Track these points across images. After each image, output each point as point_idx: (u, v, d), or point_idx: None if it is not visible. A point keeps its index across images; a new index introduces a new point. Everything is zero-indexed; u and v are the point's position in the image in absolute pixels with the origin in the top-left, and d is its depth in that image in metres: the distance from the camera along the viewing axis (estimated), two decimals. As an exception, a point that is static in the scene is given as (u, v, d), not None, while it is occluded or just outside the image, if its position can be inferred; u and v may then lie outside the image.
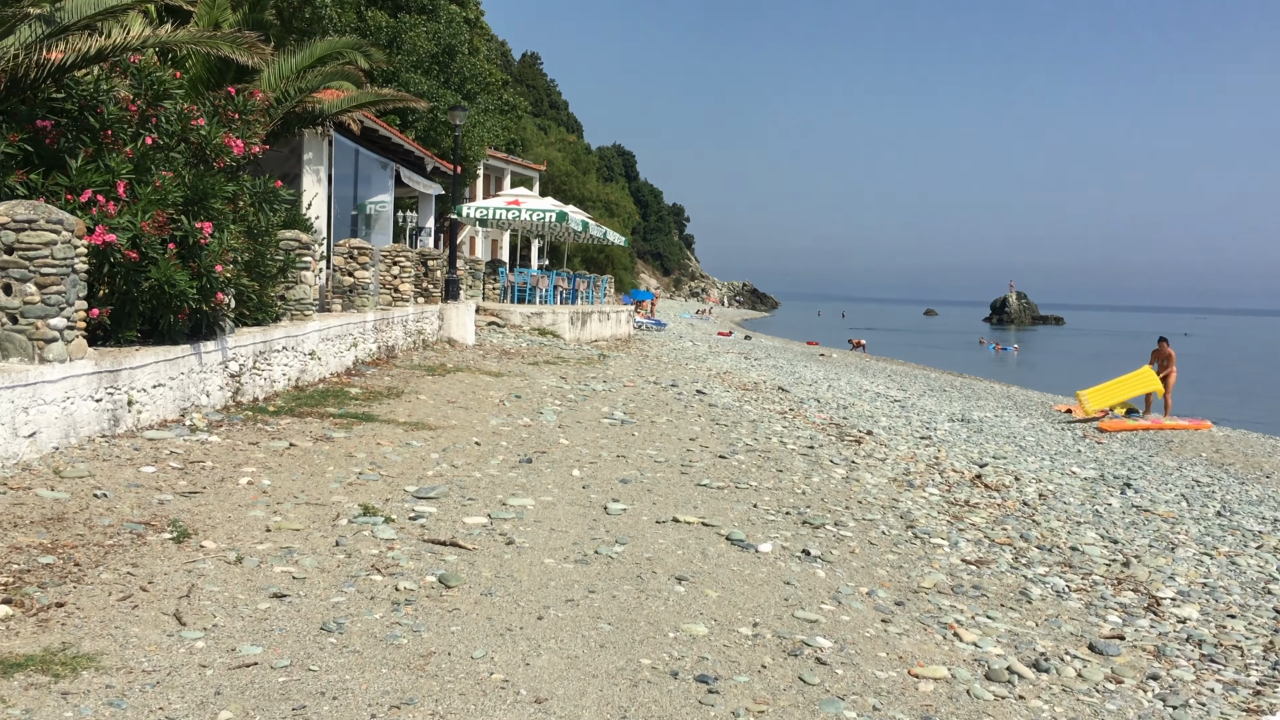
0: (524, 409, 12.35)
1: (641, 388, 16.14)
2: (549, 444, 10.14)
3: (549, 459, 9.32)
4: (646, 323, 45.58)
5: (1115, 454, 15.68)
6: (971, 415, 19.89)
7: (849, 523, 7.78)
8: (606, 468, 9.10)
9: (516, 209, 28.84)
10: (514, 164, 50.86)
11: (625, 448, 10.25)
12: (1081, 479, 12.50)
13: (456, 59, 37.52)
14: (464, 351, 18.96)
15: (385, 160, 20.44)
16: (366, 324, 15.35)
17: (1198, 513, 10.77)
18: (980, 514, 9.01)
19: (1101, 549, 8.14)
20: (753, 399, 17.19)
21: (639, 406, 13.62)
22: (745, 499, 8.28)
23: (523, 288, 28.81)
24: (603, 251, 60.43)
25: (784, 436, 12.35)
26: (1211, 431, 20.27)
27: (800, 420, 14.83)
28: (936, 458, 12.20)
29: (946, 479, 10.70)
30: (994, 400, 25.50)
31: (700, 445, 10.84)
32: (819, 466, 10.30)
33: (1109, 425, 20.10)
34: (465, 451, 9.24)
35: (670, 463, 9.61)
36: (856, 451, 11.76)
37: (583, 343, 25.80)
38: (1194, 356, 65.48)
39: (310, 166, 16.05)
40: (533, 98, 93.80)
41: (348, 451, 8.59)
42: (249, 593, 4.96)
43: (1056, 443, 16.66)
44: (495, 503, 7.35)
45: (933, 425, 17.17)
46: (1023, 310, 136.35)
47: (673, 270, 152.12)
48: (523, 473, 8.57)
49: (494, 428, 10.78)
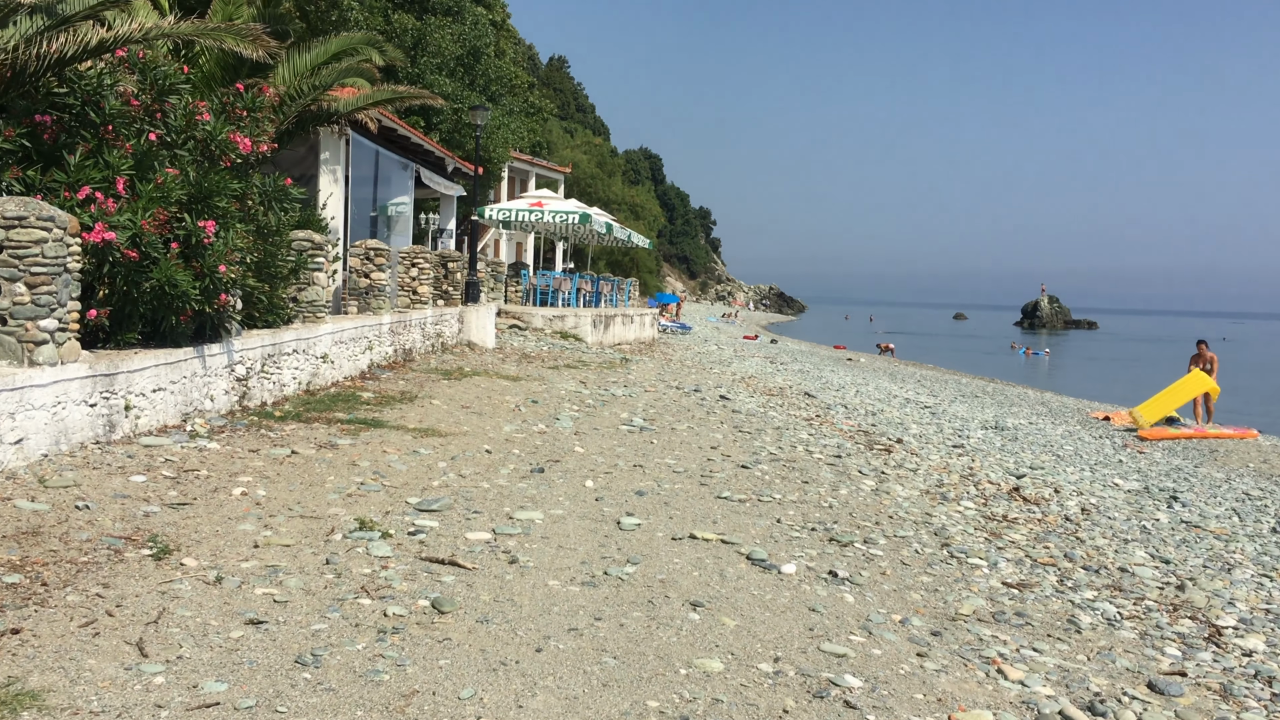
0: (540, 415, 11.93)
1: (663, 393, 15.70)
2: (563, 452, 9.71)
3: (562, 468, 8.89)
4: (671, 326, 45.14)
5: (1159, 464, 15.07)
6: (1005, 423, 19.31)
7: (879, 540, 7.30)
8: (622, 478, 8.66)
9: (539, 211, 28.49)
10: (539, 166, 50.56)
11: (643, 456, 9.81)
12: (1125, 491, 11.93)
13: (482, 61, 37.27)
14: (483, 355, 18.59)
15: (405, 161, 20.10)
16: (382, 327, 15.00)
17: (1251, 529, 10.20)
18: (1020, 530, 8.50)
19: (1153, 570, 7.62)
20: (778, 405, 16.72)
21: (659, 412, 13.18)
22: (768, 513, 7.82)
23: (545, 290, 28.45)
24: (628, 254, 60.03)
25: (810, 445, 11.87)
26: (1259, 441, 19.58)
27: (827, 427, 14.35)
28: (971, 468, 11.68)
29: (982, 491, 10.18)
30: (1028, 407, 24.85)
31: (722, 454, 10.38)
32: (847, 477, 9.81)
33: (1150, 433, 19.44)
34: (475, 460, 8.83)
35: (689, 473, 9.16)
36: (886, 461, 11.26)
37: (605, 346, 25.39)
38: (1233, 362, 64.30)
39: (326, 166, 15.72)
40: (560, 101, 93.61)
41: (351, 460, 8.20)
42: (223, 618, 4.55)
43: (1096, 452, 16.06)
44: (502, 516, 6.93)
45: (965, 433, 16.63)
46: (1055, 314, 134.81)
47: (699, 273, 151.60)
48: (533, 483, 8.15)
49: (507, 435, 10.37)
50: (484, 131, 34.27)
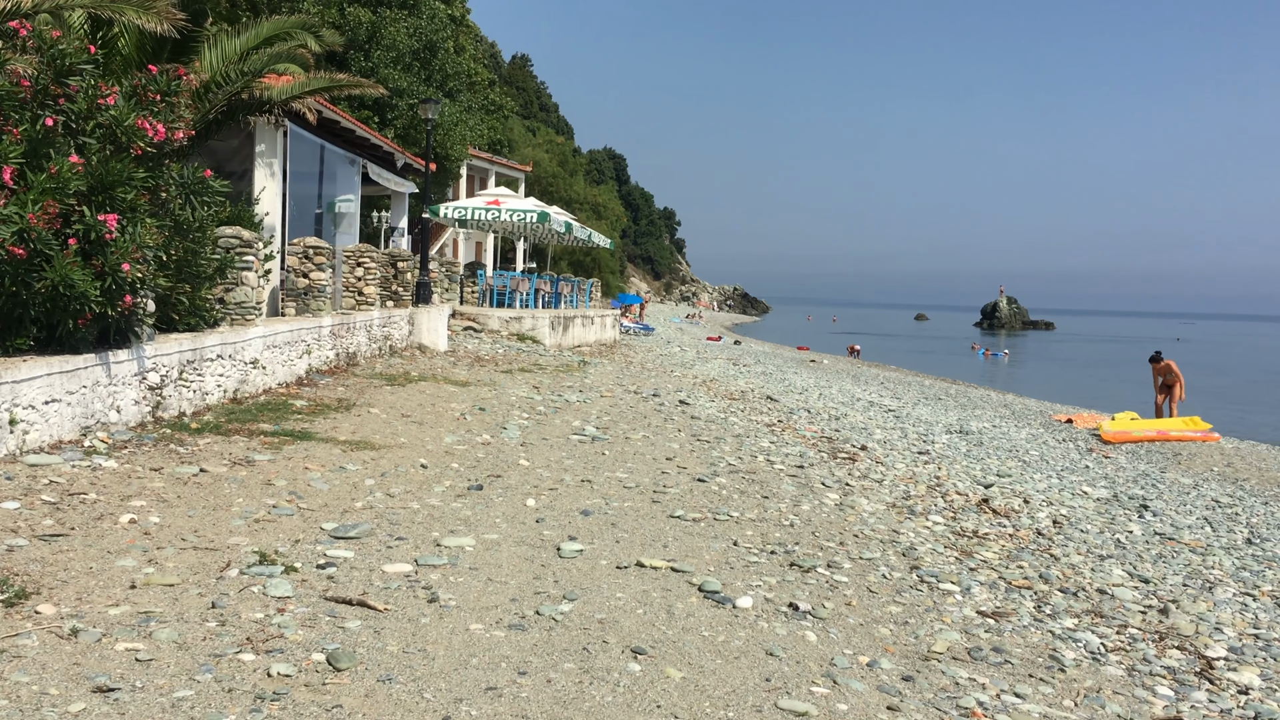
0: (486, 424, 11.21)
1: (620, 398, 15.02)
2: (506, 466, 9.00)
3: (503, 485, 8.18)
4: (634, 327, 44.47)
5: (1125, 470, 14.59)
6: (969, 426, 18.81)
7: (844, 563, 6.66)
8: (567, 495, 7.97)
9: (496, 209, 27.71)
10: (499, 164, 49.70)
11: (593, 470, 9.12)
12: (1095, 500, 11.40)
13: (439, 55, 36.43)
14: (433, 359, 17.82)
15: (352, 156, 19.27)
16: (322, 329, 14.21)
17: (1226, 540, 9.68)
18: (991, 547, 7.90)
19: (1132, 590, 7.04)
20: (739, 410, 16.09)
21: (614, 420, 12.49)
22: (724, 534, 7.15)
23: (503, 291, 27.69)
24: (590, 255, 59.28)
25: (771, 454, 11.23)
26: (1221, 444, 19.22)
27: (789, 434, 13.72)
28: (937, 477, 11.09)
29: (951, 504, 9.59)
30: (991, 409, 24.41)
31: (677, 466, 9.71)
32: (809, 490, 9.18)
33: (1113, 436, 19.03)
34: (407, 476, 8.10)
35: (641, 488, 8.48)
36: (850, 472, 10.65)
37: (564, 349, 24.67)
38: (1188, 364, 64.58)
39: (262, 159, 14.89)
40: (522, 100, 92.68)
41: (267, 479, 7.45)
42: (67, 684, 3.81)
43: (1062, 457, 15.56)
44: (428, 543, 6.22)
45: (930, 438, 16.08)
46: (1013, 315, 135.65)
47: (663, 274, 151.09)
48: (469, 503, 7.44)
49: (447, 446, 9.65)
50: (441, 128, 33.48)
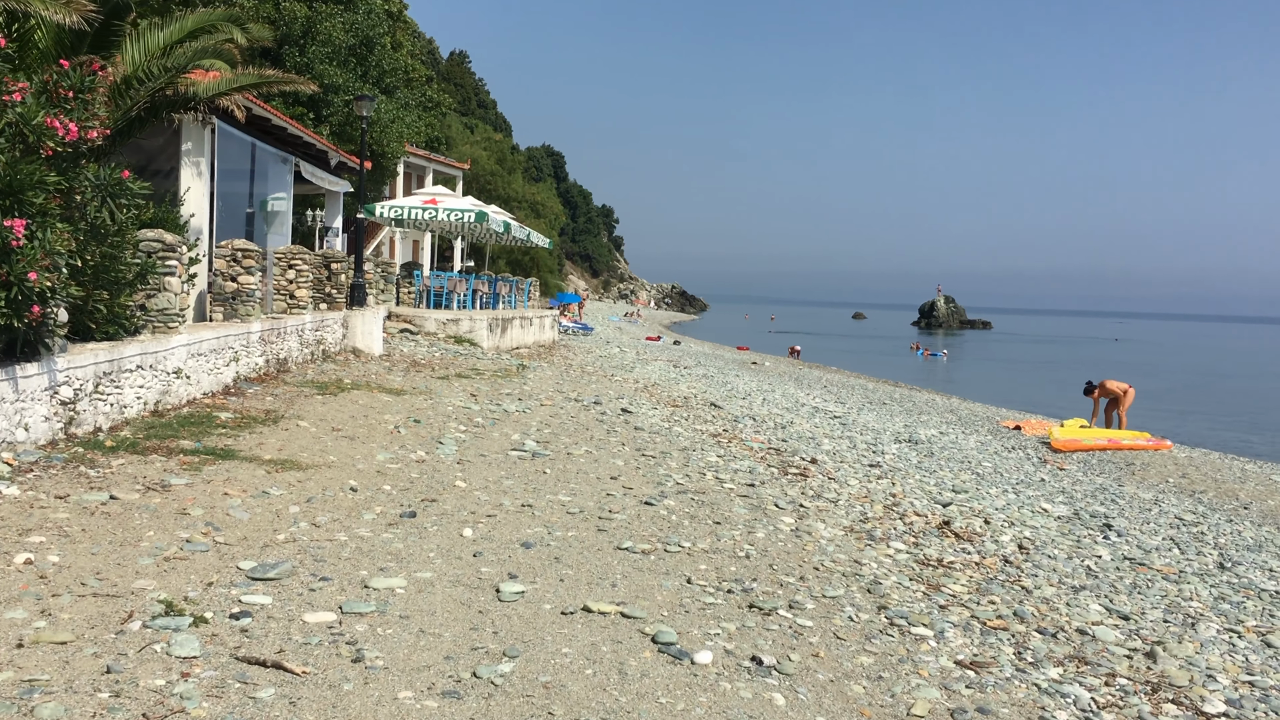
0: (421, 438, 10.68)
1: (561, 406, 14.55)
2: (442, 487, 8.50)
3: (438, 510, 7.68)
4: (572, 327, 43.96)
5: (1082, 483, 14.44)
6: (918, 434, 18.61)
7: (806, 603, 6.26)
8: (507, 523, 7.49)
9: (433, 208, 27.04)
10: (436, 162, 48.85)
11: (534, 491, 8.65)
12: (1055, 519, 11.18)
13: (375, 51, 35.61)
14: (368, 363, 17.19)
15: (284, 154, 18.56)
16: (251, 335, 13.54)
17: (1198, 565, 9.48)
18: (959, 579, 7.56)
19: (1114, 631, 6.73)
20: (683, 418, 15.70)
21: (555, 432, 12.02)
22: (676, 568, 6.73)
23: (440, 292, 27.04)
24: (528, 253, 58.62)
25: (719, 470, 10.84)
26: (1173, 452, 19.24)
27: (736, 445, 13.35)
28: (893, 495, 10.78)
29: (910, 526, 9.26)
30: (937, 415, 24.31)
31: (623, 486, 9.27)
32: (763, 514, 8.79)
33: (1064, 444, 18.96)
34: (335, 502, 7.56)
35: (586, 514, 8.03)
36: (803, 490, 10.29)
37: (502, 351, 24.11)
38: (1130, 366, 65.66)
39: (189, 158, 14.18)
40: (460, 96, 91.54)
41: (182, 507, 6.87)
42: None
43: (1016, 469, 15.39)
44: (355, 585, 5.71)
45: (879, 447, 15.83)
46: (951, 314, 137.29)
47: (601, 272, 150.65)
48: (402, 532, 6.93)
49: (380, 465, 9.11)
50: (378, 125, 32.67)
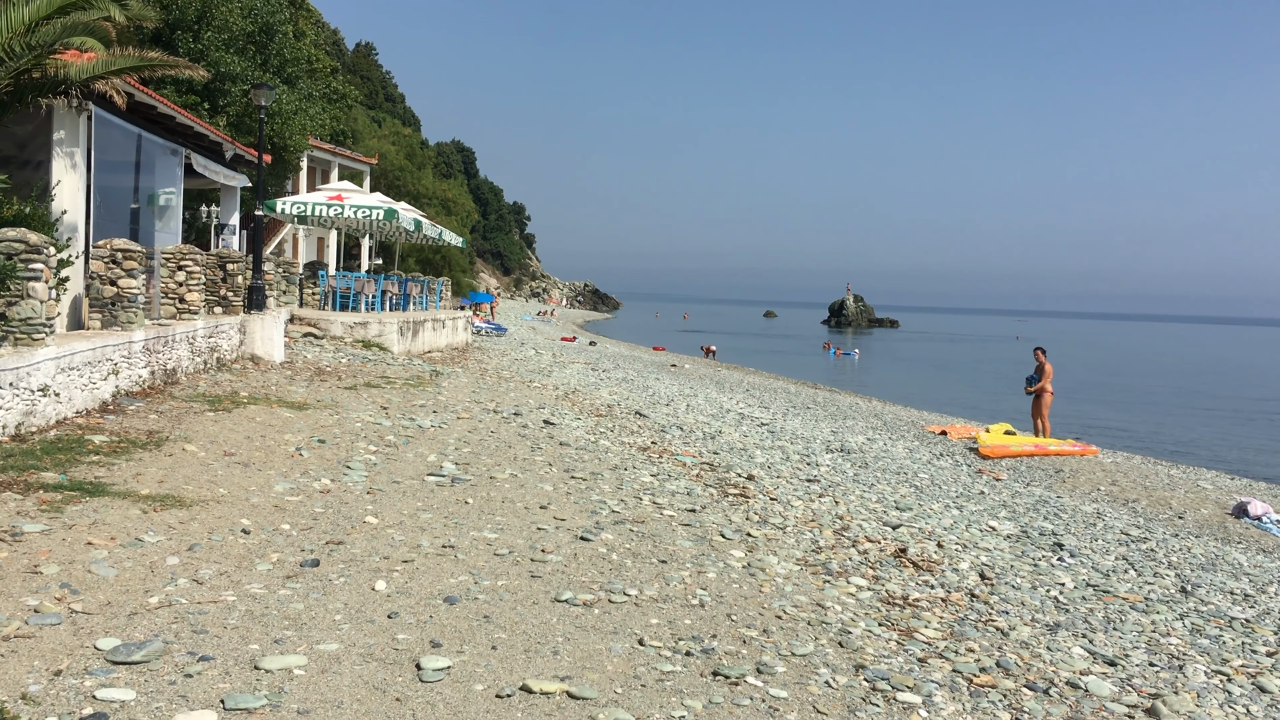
0: (326, 462, 9.59)
1: (479, 419, 13.53)
2: (351, 524, 7.46)
3: (346, 555, 6.65)
4: (486, 327, 42.75)
5: (1021, 496, 13.92)
6: (847, 442, 17.99)
7: (776, 666, 5.41)
8: (427, 570, 6.50)
9: (339, 205, 25.68)
10: (342, 156, 47.16)
11: (455, 527, 7.66)
12: (1005, 537, 10.55)
13: (275, 39, 33.98)
14: (268, 373, 15.93)
15: (174, 145, 17.13)
16: (133, 345, 12.26)
17: (1159, 590, 8.89)
18: (930, 621, 6.80)
19: (1104, 679, 6.01)
20: (608, 429, 14.79)
21: (475, 451, 11.01)
22: (625, 624, 5.82)
23: (346, 294, 25.70)
24: (439, 252, 57.08)
25: (656, 493, 9.96)
26: (1099, 457, 18.95)
27: (668, 460, 12.50)
28: (840, 518, 10.02)
29: (865, 555, 8.49)
30: (862, 419, 23.80)
31: (554, 517, 8.32)
32: (710, 547, 7.93)
33: (991, 450, 18.54)
34: (223, 549, 6.48)
35: (516, 554, 7.07)
36: (747, 515, 9.46)
37: (414, 356, 22.91)
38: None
39: (61, 148, 12.78)
40: (367, 89, 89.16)
41: (34, 563, 5.74)
42: None
43: (952, 480, 14.81)
44: (243, 666, 4.69)
45: (812, 459, 15.13)
46: (860, 313, 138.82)
47: (513, 270, 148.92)
48: (302, 587, 5.90)
49: (278, 498, 8.02)
50: (279, 116, 31.10)
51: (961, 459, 18.01)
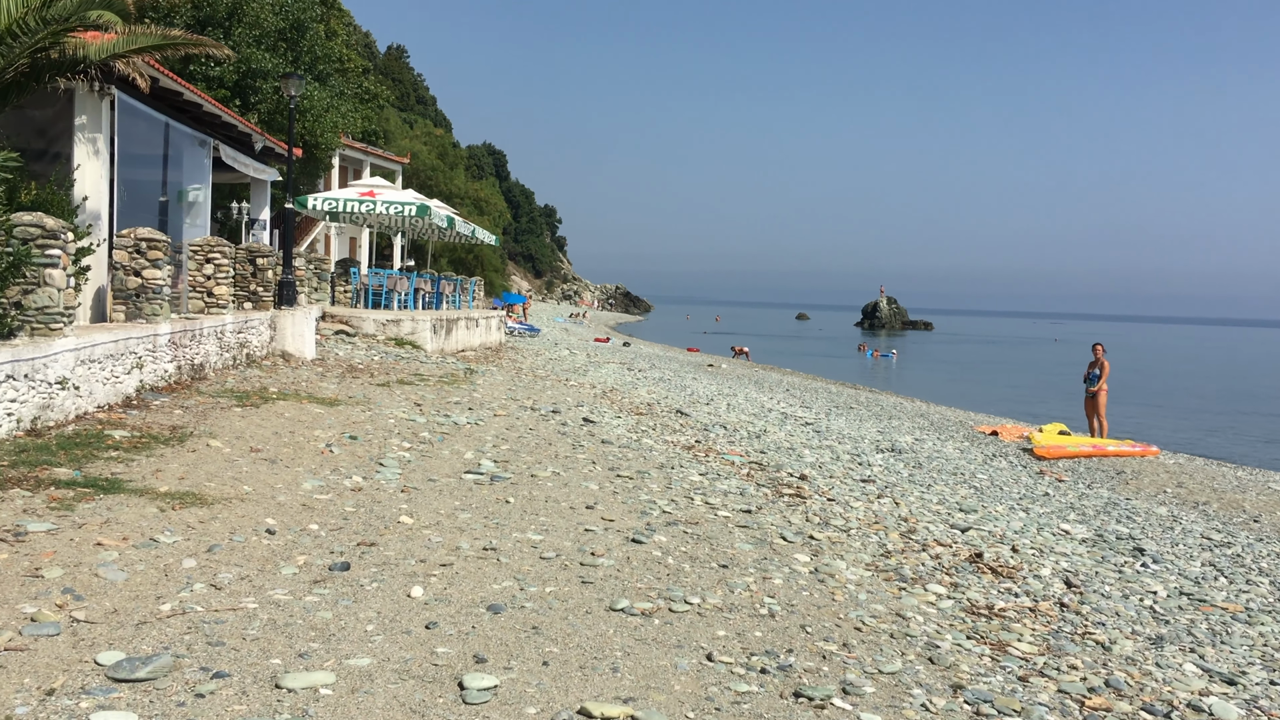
0: (358, 459, 9.03)
1: (516, 417, 12.95)
2: (384, 525, 6.88)
3: (379, 558, 6.06)
4: (519, 328, 42.26)
5: (1089, 498, 13.16)
6: (898, 442, 17.28)
7: (864, 686, 4.76)
8: (467, 574, 5.90)
9: (371, 201, 25.22)
10: (374, 155, 46.82)
11: (496, 528, 7.06)
12: (1079, 541, 9.84)
13: (307, 36, 33.63)
14: (299, 369, 15.44)
15: (202, 136, 16.68)
16: (158, 338, 11.78)
17: (1258, 599, 8.16)
18: (1021, 632, 6.13)
19: (1225, 699, 5.34)
20: (650, 428, 14.18)
21: (514, 449, 10.42)
22: (690, 636, 5.19)
23: (379, 291, 25.23)
24: (471, 252, 56.65)
25: (707, 492, 9.33)
26: (1161, 458, 18.10)
27: (714, 459, 11.87)
28: (905, 520, 9.35)
29: (939, 560, 7.82)
30: (908, 419, 23.03)
31: (602, 519, 7.71)
32: (771, 550, 7.29)
33: (1047, 451, 17.75)
34: (246, 551, 5.91)
35: (563, 558, 6.46)
36: (806, 516, 8.81)
37: (447, 354, 22.40)
38: (1079, 366, 65.35)
39: (83, 134, 12.32)
40: (399, 92, 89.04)
41: (35, 565, 5.19)
42: None
43: (1013, 481, 14.07)
44: (262, 684, 4.10)
45: (863, 459, 14.45)
46: (893, 315, 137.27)
47: (545, 272, 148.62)
48: (331, 594, 5.31)
49: (306, 496, 7.46)
50: (311, 113, 30.73)
51: (1016, 459, 17.24)
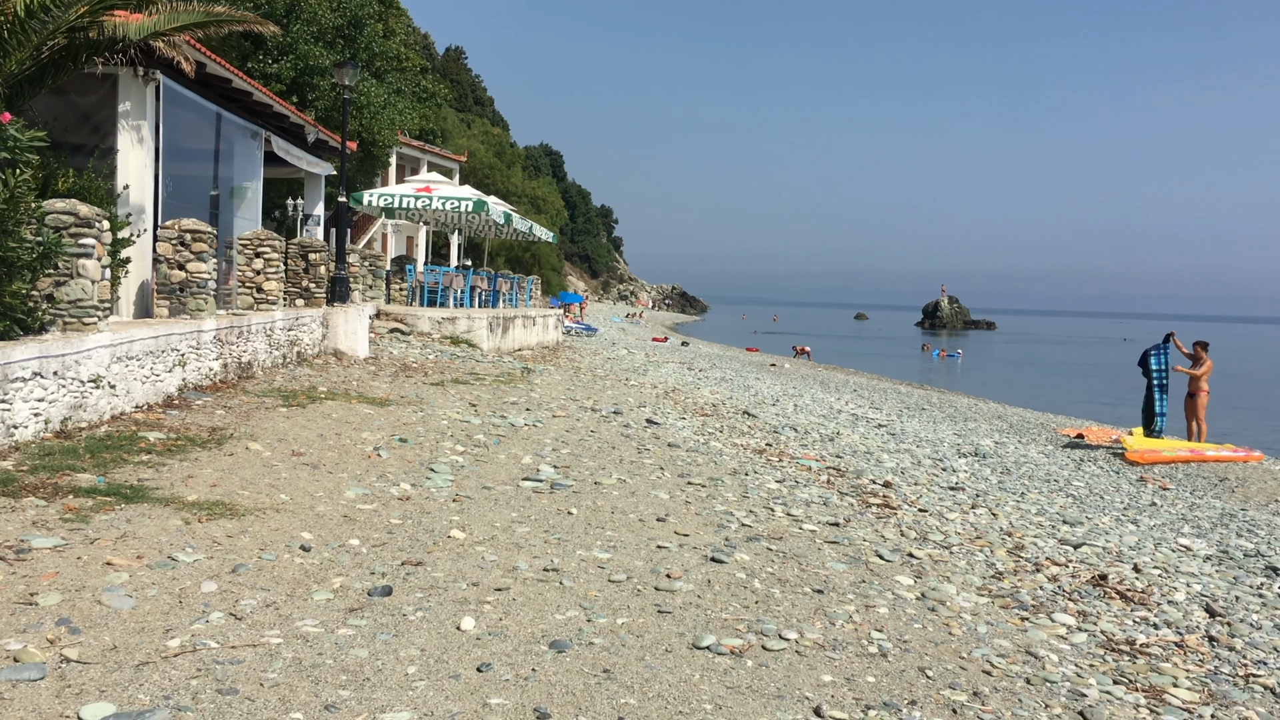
0: (407, 464, 8.31)
1: (576, 418, 12.19)
2: (432, 540, 6.13)
3: (425, 581, 5.30)
4: (576, 328, 41.61)
5: (1200, 508, 12.08)
6: (979, 445, 16.25)
7: (1009, 751, 3.91)
8: (526, 602, 5.11)
9: (427, 197, 24.61)
10: (431, 153, 46.45)
11: (558, 545, 6.28)
12: (1204, 559, 8.83)
13: (364, 32, 33.24)
14: (350, 368, 14.82)
15: (254, 128, 16.14)
16: (203, 334, 11.18)
17: None
18: (1175, 677, 5.21)
19: None
20: (717, 430, 13.35)
21: (575, 453, 9.65)
22: (790, 683, 4.36)
23: (434, 289, 24.62)
24: (529, 250, 56.15)
25: (788, 502, 8.48)
26: (1265, 464, 16.84)
27: (790, 464, 11.01)
28: (1009, 534, 8.41)
29: (1055, 581, 6.90)
30: (985, 422, 21.93)
31: (675, 532, 6.89)
32: (869, 571, 6.43)
33: (1141, 457, 16.58)
34: (275, 571, 5.19)
35: (635, 580, 5.65)
36: (900, 529, 7.92)
37: (503, 353, 21.73)
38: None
39: (127, 121, 11.78)
40: (457, 93, 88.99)
41: (31, 589, 4.50)
42: None
43: (1112, 488, 13.02)
44: (278, 747, 3.36)
45: (945, 463, 13.48)
46: (955, 315, 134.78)
47: (601, 273, 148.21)
48: (369, 625, 4.56)
49: (348, 506, 6.73)
50: (368, 109, 30.30)
51: (1108, 464, 16.13)
